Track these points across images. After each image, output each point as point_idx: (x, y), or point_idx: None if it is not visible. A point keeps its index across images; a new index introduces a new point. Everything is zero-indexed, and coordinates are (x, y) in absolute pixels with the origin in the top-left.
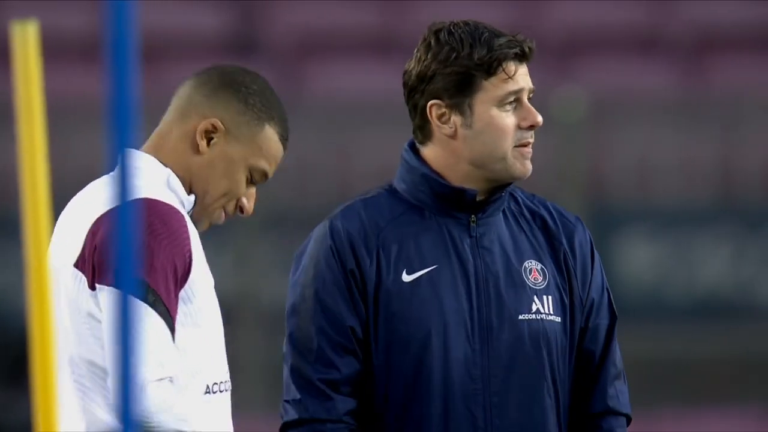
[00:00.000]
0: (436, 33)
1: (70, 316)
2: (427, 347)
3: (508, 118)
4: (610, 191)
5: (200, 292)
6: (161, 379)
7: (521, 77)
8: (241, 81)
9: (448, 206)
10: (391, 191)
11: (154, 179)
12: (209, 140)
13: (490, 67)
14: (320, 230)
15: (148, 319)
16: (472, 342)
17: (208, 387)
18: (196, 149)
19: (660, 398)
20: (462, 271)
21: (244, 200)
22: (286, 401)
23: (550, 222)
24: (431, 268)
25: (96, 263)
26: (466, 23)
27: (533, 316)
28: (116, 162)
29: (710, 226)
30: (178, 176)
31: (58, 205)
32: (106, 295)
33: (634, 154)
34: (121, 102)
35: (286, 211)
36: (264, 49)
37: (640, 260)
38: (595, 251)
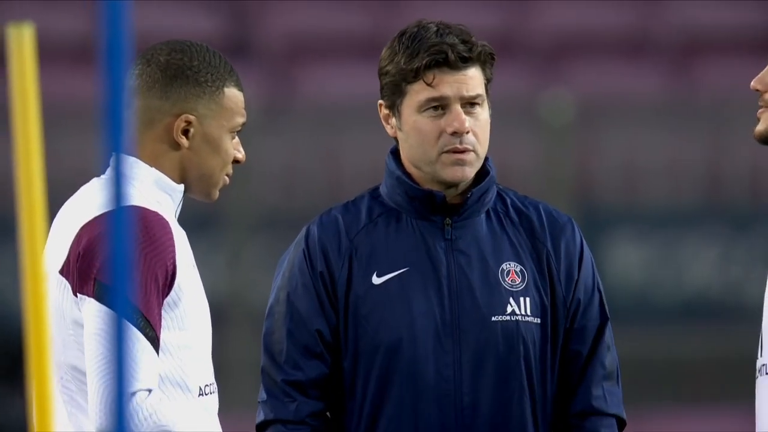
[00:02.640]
0: (398, 36)
1: (55, 323)
2: (396, 349)
3: (429, 124)
4: (597, 193)
5: (187, 295)
6: (134, 393)
7: (446, 85)
8: (182, 65)
9: (423, 209)
10: (374, 195)
11: (141, 182)
12: (186, 132)
13: (410, 75)
14: (299, 235)
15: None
16: (444, 343)
17: (200, 389)
18: (177, 146)
19: (647, 399)
20: (434, 274)
21: (238, 155)
22: (259, 402)
23: (537, 223)
24: (401, 271)
25: (78, 271)
26: (424, 26)
27: (508, 318)
28: (109, 165)
29: (697, 227)
30: (169, 176)
31: (52, 207)
32: (86, 306)
33: (621, 157)
34: (114, 105)
35: (276, 212)
36: (255, 52)
37: (627, 262)
38: (586, 252)
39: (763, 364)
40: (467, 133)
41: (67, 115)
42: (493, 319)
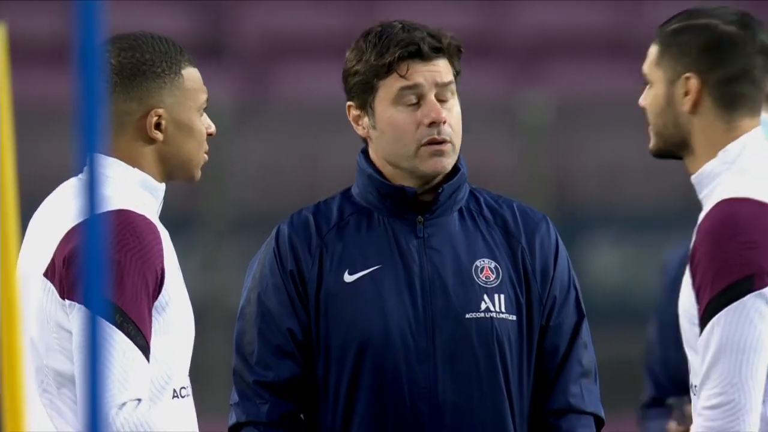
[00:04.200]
0: (363, 36)
1: (38, 326)
2: (369, 347)
3: (406, 117)
4: (576, 195)
5: (173, 299)
6: (124, 403)
7: (418, 75)
8: (135, 62)
9: (394, 207)
10: (346, 195)
11: (125, 184)
12: (158, 126)
13: (382, 70)
14: (270, 235)
15: (116, 343)
16: (417, 341)
17: (175, 391)
18: (152, 141)
19: (626, 400)
20: (406, 272)
21: (210, 129)
22: (231, 404)
23: (511, 221)
24: (373, 269)
25: (65, 277)
26: (390, 25)
27: (482, 315)
28: (84, 166)
29: (677, 229)
30: (151, 173)
31: (25, 209)
32: (75, 312)
33: (600, 158)
34: (89, 105)
35: (253, 213)
36: (231, 52)
37: (606, 263)
38: (561, 250)
39: (691, 384)
40: (444, 123)
41: (42, 116)
42: (467, 316)
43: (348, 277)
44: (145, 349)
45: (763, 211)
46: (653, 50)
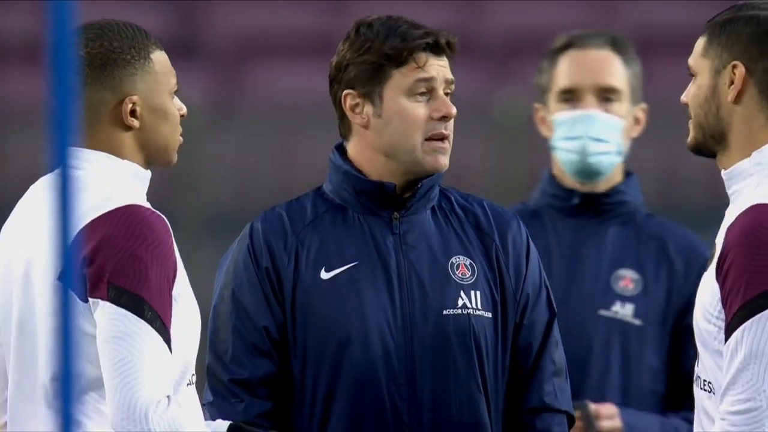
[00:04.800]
0: (358, 26)
1: (53, 332)
2: (347, 344)
3: (417, 109)
4: None
5: (184, 290)
6: (158, 402)
7: (433, 68)
8: (104, 51)
9: (370, 203)
10: (319, 193)
11: (119, 178)
12: (134, 113)
13: (400, 57)
14: (242, 232)
15: (147, 337)
16: (395, 337)
17: (189, 379)
18: (129, 128)
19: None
20: (383, 268)
21: (182, 111)
22: (204, 404)
23: (483, 219)
24: (350, 266)
25: (89, 276)
26: (389, 17)
27: (459, 311)
28: (58, 163)
29: None
30: (135, 161)
31: (1, 207)
32: (100, 309)
33: None
34: (62, 103)
35: (226, 213)
36: (203, 51)
37: None
38: (532, 248)
39: (697, 376)
40: (451, 119)
41: (14, 115)
42: (444, 312)
43: (325, 274)
44: (170, 343)
45: None
46: (700, 42)
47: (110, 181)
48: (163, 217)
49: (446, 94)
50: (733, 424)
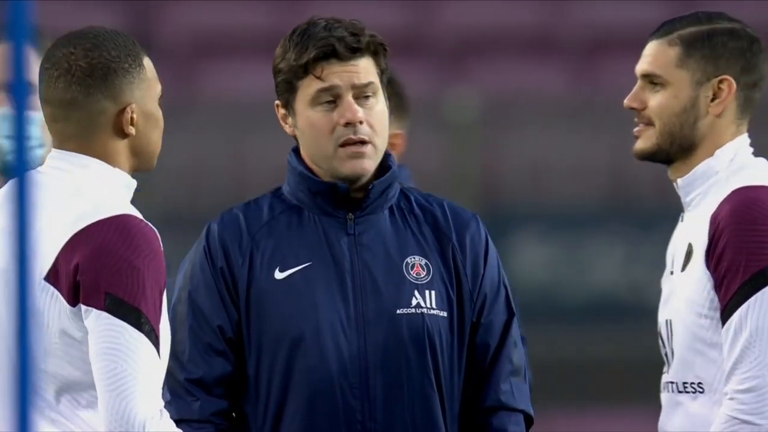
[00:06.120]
0: (290, 34)
1: (36, 330)
2: (300, 343)
3: (323, 118)
4: (503, 192)
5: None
6: (155, 415)
7: (335, 76)
8: (105, 61)
9: (325, 204)
10: (276, 194)
11: (111, 186)
12: (131, 120)
13: (300, 71)
14: (201, 235)
15: (145, 350)
16: (348, 337)
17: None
18: (125, 136)
19: (552, 398)
20: (337, 269)
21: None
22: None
23: (441, 218)
24: (304, 266)
25: (81, 283)
26: (314, 23)
27: (413, 311)
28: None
29: (603, 227)
30: (125, 168)
31: None
32: (94, 317)
33: (527, 156)
34: (18, 100)
35: (180, 211)
36: (158, 49)
37: (533, 261)
38: (491, 247)
39: (670, 382)
40: (361, 123)
41: None
42: (398, 312)
43: (278, 275)
44: (159, 356)
45: None
46: (671, 52)
47: (103, 188)
48: (153, 227)
49: (365, 96)
50: (743, 402)
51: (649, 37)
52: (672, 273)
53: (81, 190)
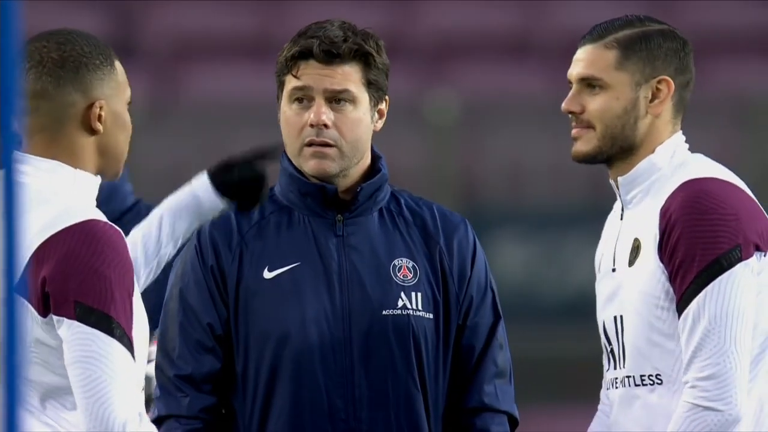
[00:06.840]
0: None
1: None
2: (286, 341)
3: (295, 116)
4: (482, 193)
5: (137, 302)
6: (134, 418)
7: (311, 77)
8: (76, 54)
9: (315, 205)
10: (269, 195)
11: (74, 190)
12: (99, 117)
13: (284, 68)
14: (193, 234)
15: (118, 355)
16: (334, 336)
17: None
18: (93, 133)
19: (530, 397)
20: (324, 269)
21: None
22: (153, 399)
23: (430, 222)
24: (292, 266)
25: (50, 294)
26: (318, 23)
27: (399, 312)
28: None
29: (581, 227)
30: (89, 168)
31: None
32: (66, 327)
33: (505, 157)
34: (5, 103)
35: None
36: (140, 52)
37: (511, 261)
38: (479, 251)
39: (626, 376)
40: (327, 127)
41: None
42: (383, 312)
43: (267, 274)
44: (134, 359)
45: (730, 187)
46: (609, 55)
47: (67, 193)
48: (120, 230)
49: (338, 100)
50: (704, 389)
51: (581, 42)
52: (614, 270)
53: (45, 198)
